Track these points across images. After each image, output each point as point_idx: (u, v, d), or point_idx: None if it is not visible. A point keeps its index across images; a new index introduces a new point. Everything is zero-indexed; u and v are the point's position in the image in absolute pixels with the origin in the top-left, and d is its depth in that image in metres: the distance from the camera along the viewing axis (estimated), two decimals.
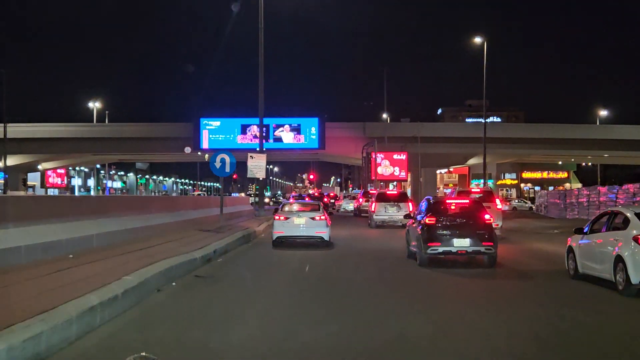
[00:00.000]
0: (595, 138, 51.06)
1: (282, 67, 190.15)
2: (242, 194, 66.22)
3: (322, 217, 17.01)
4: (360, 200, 35.63)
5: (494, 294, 9.76)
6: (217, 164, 19.41)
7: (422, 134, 49.30)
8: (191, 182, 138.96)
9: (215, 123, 51.68)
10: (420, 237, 12.21)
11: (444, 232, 11.97)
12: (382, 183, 50.75)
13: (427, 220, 12.27)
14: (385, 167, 50.15)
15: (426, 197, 13.94)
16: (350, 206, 41.37)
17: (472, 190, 24.19)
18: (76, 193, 75.75)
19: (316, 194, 57.51)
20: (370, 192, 34.20)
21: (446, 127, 55.53)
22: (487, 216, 12.76)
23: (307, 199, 30.57)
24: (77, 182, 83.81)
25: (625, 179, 52.62)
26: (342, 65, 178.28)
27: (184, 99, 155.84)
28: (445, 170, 67.90)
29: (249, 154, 24.74)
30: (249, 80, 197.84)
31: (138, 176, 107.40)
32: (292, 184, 79.22)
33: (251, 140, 50.20)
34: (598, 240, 10.06)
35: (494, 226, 13.10)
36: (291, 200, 22.44)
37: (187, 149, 50.39)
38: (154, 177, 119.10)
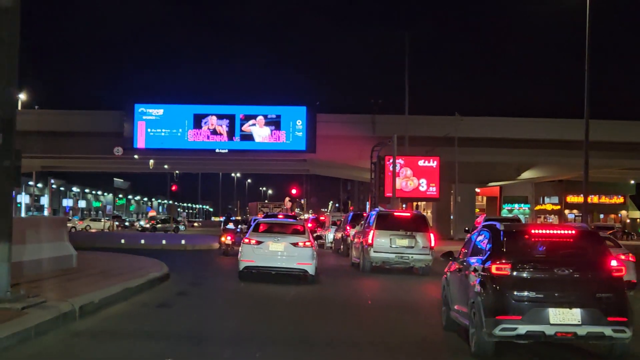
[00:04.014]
0: None
1: (260, 43, 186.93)
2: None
3: (307, 243, 17.70)
4: (348, 228, 31.62)
5: None
6: None
7: (459, 133, 47.30)
8: (187, 204, 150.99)
9: (157, 111, 51.03)
10: (481, 303, 9.87)
11: (529, 293, 9.68)
12: (403, 205, 48.01)
13: (494, 269, 9.95)
14: (406, 178, 47.84)
15: (485, 223, 11.65)
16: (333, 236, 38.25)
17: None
18: (22, 214, 75.62)
19: (289, 212, 56.64)
20: (366, 214, 30.15)
21: (496, 124, 51.90)
22: (613, 263, 10.26)
23: (280, 217, 30.11)
24: (23, 199, 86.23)
25: None
26: (340, 43, 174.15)
27: (118, 83, 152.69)
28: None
29: None
30: (205, 57, 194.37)
31: (119, 196, 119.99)
32: (270, 206, 75.64)
33: (208, 138, 50.42)
34: None
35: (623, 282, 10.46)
36: (263, 219, 23.25)
37: (118, 150, 50.16)
38: (137, 197, 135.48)
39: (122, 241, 34.70)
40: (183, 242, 34.45)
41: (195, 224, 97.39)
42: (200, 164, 65.12)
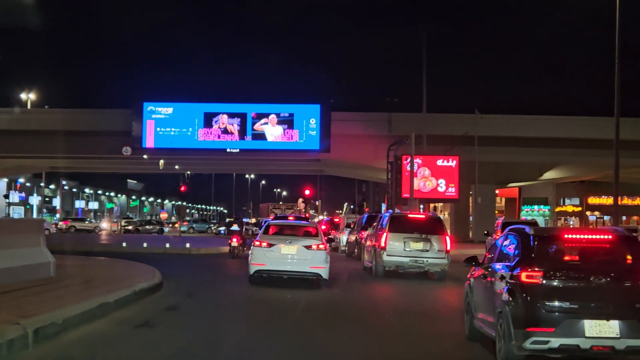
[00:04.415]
0: None
1: (272, 40, 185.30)
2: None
3: (321, 246, 17.49)
4: (362, 232, 30.93)
5: None
6: None
7: (479, 131, 46.45)
8: (200, 206, 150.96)
9: (166, 110, 50.57)
10: (509, 313, 9.58)
11: (562, 303, 9.38)
12: (421, 206, 47.56)
13: (524, 277, 9.66)
14: (424, 178, 47.01)
15: (513, 227, 11.20)
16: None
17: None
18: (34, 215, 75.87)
19: (302, 213, 56.35)
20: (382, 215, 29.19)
21: (517, 122, 51.22)
22: None
23: (291, 218, 29.31)
24: (35, 200, 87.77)
25: None
26: (355, 41, 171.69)
27: (127, 81, 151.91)
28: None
29: None
30: (215, 55, 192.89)
31: (132, 197, 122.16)
32: (281, 207, 73.57)
33: (219, 137, 49.93)
34: None
35: None
36: (275, 221, 22.25)
37: (127, 150, 49.80)
38: (150, 198, 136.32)
39: (124, 244, 33.84)
40: (188, 245, 33.28)
41: (177, 225, 75.72)
42: (211, 164, 64.42)
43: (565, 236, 10.22)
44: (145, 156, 51.80)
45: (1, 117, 51.32)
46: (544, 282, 9.47)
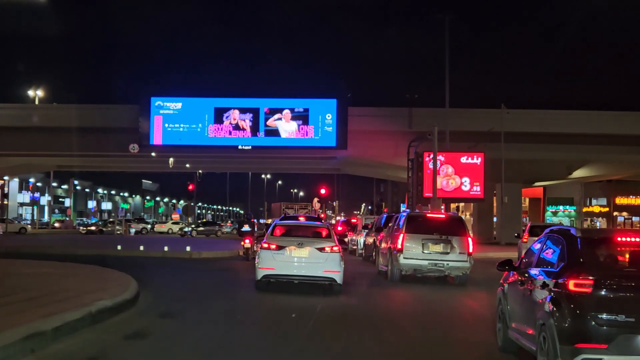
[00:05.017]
0: None
1: (287, 35, 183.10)
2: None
3: (335, 248, 16.80)
4: (381, 234, 29.81)
5: None
6: None
7: (505, 127, 45.93)
8: (216, 206, 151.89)
9: (175, 105, 49.50)
10: (554, 327, 8.75)
11: (617, 316, 8.48)
12: (442, 206, 45.78)
13: (572, 285, 8.77)
14: (447, 176, 45.22)
15: (554, 228, 10.88)
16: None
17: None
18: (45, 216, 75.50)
19: (317, 213, 55.18)
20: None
21: (545, 118, 50.52)
22: None
23: (302, 219, 28.84)
24: (46, 200, 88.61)
25: None
26: (372, 34, 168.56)
27: (137, 77, 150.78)
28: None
29: None
30: (229, 51, 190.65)
31: (147, 197, 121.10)
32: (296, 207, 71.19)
33: (230, 134, 49.00)
34: None
35: None
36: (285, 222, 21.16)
37: (134, 147, 48.72)
38: (165, 199, 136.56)
39: (119, 247, 31.59)
40: (188, 248, 31.12)
41: (147, 226, 70.90)
42: (223, 163, 63.60)
43: (618, 239, 9.53)
44: (153, 154, 50.90)
45: (7, 112, 50.64)
46: (595, 291, 8.71)
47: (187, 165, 60.95)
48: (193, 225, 66.03)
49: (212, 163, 63.28)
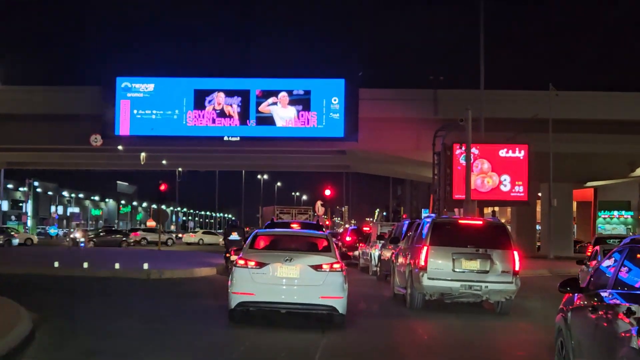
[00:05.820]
0: None
1: (292, 14, 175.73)
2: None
3: (336, 266, 14.36)
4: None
5: None
6: None
7: (554, 113, 42.43)
8: (204, 212, 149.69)
9: (146, 86, 45.26)
10: None
11: None
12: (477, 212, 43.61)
13: None
14: (482, 174, 41.36)
15: (633, 237, 9.71)
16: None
17: None
18: None
19: (320, 219, 50.31)
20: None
21: (602, 101, 46.68)
22: None
23: (295, 226, 25.39)
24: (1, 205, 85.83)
25: None
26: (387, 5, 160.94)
27: (102, 55, 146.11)
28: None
29: None
30: (216, 27, 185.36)
31: (122, 202, 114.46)
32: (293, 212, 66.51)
33: (214, 122, 44.46)
34: None
35: None
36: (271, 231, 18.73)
37: (96, 139, 44.26)
38: (144, 203, 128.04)
39: (56, 264, 25.94)
40: (146, 266, 25.33)
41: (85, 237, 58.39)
42: (206, 158, 59.31)
43: None
44: (120, 147, 46.45)
45: None
46: None
47: (164, 162, 56.44)
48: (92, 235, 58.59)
49: (193, 159, 60.14)
